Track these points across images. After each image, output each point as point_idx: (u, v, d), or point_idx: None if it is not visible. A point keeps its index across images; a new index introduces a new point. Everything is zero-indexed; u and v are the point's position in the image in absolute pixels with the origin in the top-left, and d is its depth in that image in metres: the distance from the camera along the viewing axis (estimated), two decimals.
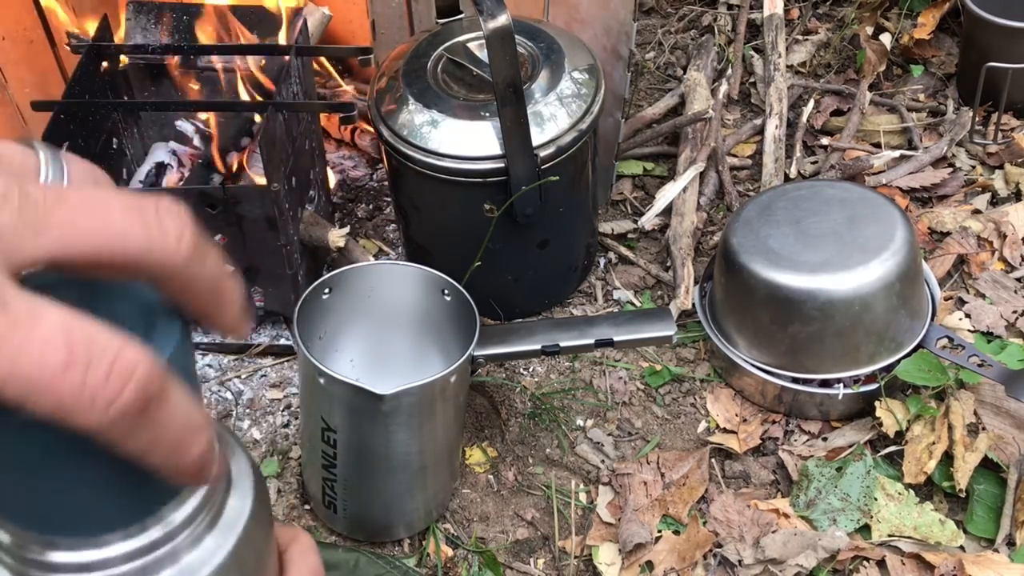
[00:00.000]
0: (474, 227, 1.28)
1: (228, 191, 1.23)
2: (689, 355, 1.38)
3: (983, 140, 1.64)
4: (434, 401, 1.04)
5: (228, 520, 0.34)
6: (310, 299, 1.08)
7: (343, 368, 1.17)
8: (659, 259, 1.51)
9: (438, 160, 1.23)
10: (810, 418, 1.29)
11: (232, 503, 0.34)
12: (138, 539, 0.31)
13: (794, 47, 1.86)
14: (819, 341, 1.23)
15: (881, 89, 1.78)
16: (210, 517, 0.33)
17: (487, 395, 1.32)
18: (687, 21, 1.95)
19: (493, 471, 1.26)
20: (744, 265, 1.25)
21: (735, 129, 1.72)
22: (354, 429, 1.05)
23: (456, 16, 1.35)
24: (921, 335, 1.26)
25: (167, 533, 0.32)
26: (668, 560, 1.15)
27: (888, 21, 1.89)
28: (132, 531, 0.31)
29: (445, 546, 1.18)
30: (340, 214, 1.57)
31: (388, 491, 1.12)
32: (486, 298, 1.31)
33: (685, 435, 1.29)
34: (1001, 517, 1.15)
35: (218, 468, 0.32)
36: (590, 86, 1.28)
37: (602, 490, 1.23)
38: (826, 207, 1.28)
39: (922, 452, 1.18)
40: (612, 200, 1.60)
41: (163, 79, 1.46)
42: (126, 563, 0.31)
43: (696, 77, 1.72)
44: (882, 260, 1.21)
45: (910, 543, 1.14)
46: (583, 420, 1.31)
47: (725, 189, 1.57)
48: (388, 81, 1.30)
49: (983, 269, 1.44)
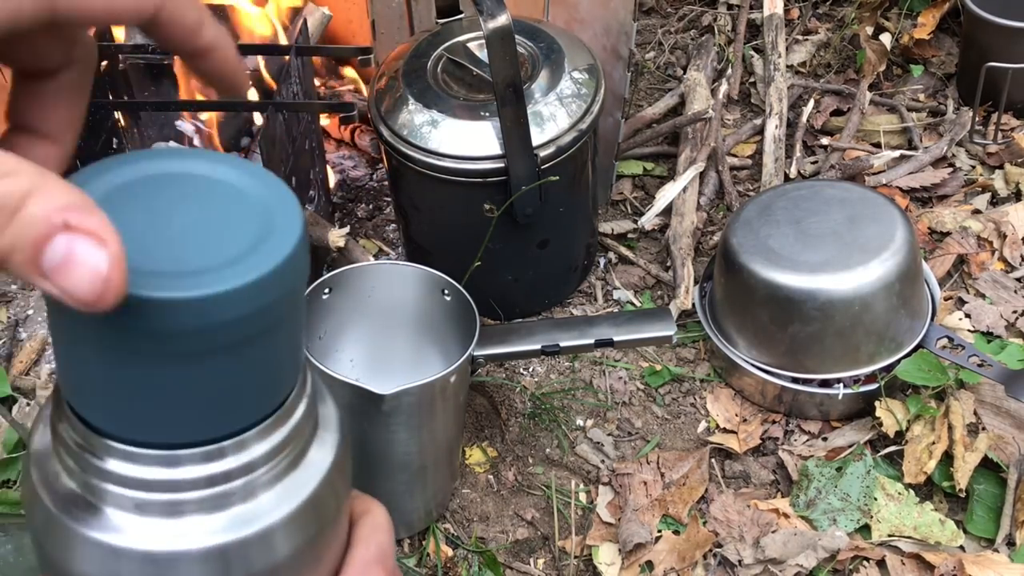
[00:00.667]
0: (474, 227, 1.28)
1: None
2: (689, 355, 1.38)
3: (983, 140, 1.64)
4: (434, 401, 1.04)
5: (309, 467, 0.33)
6: (310, 299, 1.08)
7: (343, 368, 1.17)
8: (659, 259, 1.51)
9: (438, 160, 1.23)
10: (810, 418, 1.29)
11: (314, 452, 0.33)
12: (216, 464, 0.31)
13: (794, 47, 1.86)
14: (819, 341, 1.23)
15: (881, 89, 1.78)
16: (290, 459, 0.32)
17: (487, 395, 1.32)
18: (687, 21, 1.95)
19: (493, 471, 1.26)
20: (744, 265, 1.25)
21: (735, 129, 1.72)
22: (354, 429, 1.05)
23: (456, 16, 1.35)
24: (921, 335, 1.26)
25: (245, 464, 0.31)
26: (668, 560, 1.15)
27: (888, 21, 1.89)
28: (211, 454, 0.30)
29: (445, 546, 1.18)
30: (340, 214, 1.57)
31: (388, 491, 1.12)
32: (486, 298, 1.31)
33: (685, 435, 1.29)
34: (1001, 517, 1.15)
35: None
36: (590, 86, 1.28)
37: (602, 490, 1.23)
38: (826, 207, 1.28)
39: (922, 452, 1.18)
40: (612, 200, 1.60)
41: (163, 79, 1.46)
42: (203, 488, 0.31)
43: (696, 77, 1.72)
44: (882, 260, 1.21)
45: (910, 543, 1.14)
46: (583, 420, 1.31)
47: (725, 189, 1.57)
48: (388, 81, 1.30)
49: (983, 269, 1.44)
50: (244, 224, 0.29)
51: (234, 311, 0.28)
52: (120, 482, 0.30)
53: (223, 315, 0.28)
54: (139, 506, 0.31)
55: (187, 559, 0.31)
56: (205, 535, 0.31)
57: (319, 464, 0.33)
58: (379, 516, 0.37)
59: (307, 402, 0.33)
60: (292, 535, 0.32)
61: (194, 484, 0.31)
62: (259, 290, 0.28)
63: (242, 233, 0.29)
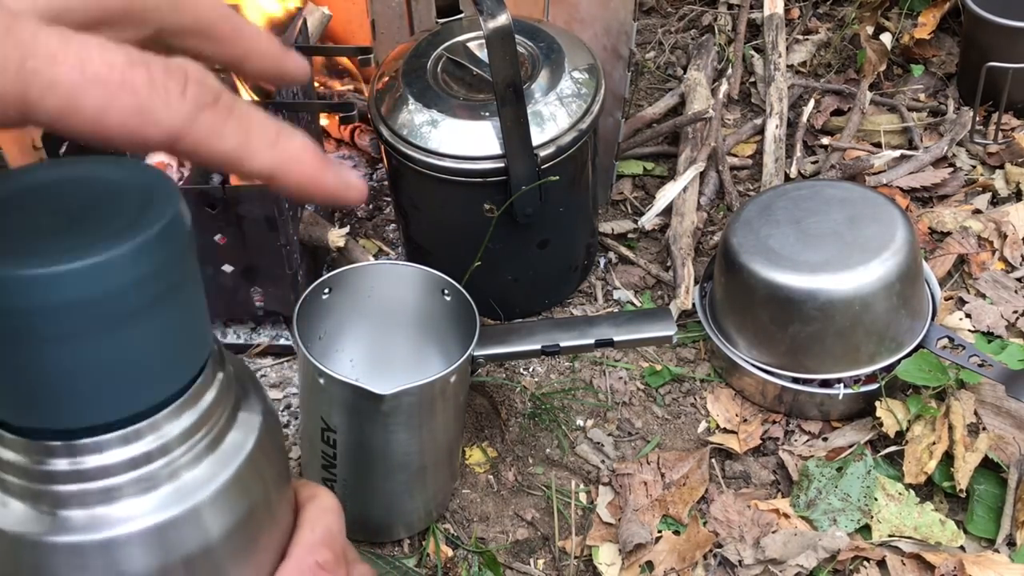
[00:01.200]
0: (474, 227, 1.28)
1: (228, 191, 1.23)
2: (689, 355, 1.38)
3: (983, 140, 1.64)
4: (434, 401, 1.04)
5: (230, 447, 0.34)
6: (310, 299, 1.08)
7: (343, 368, 1.17)
8: (659, 259, 1.51)
9: (438, 160, 1.23)
10: (810, 418, 1.29)
11: (236, 433, 0.35)
12: (135, 446, 0.31)
13: (794, 47, 1.86)
14: (819, 341, 1.23)
15: (881, 89, 1.78)
16: (210, 440, 0.33)
17: (487, 395, 1.32)
18: (687, 21, 1.95)
19: (493, 471, 1.26)
20: (744, 265, 1.24)
21: (735, 129, 1.72)
22: (354, 429, 1.05)
23: (456, 16, 1.35)
24: (921, 335, 1.26)
25: (163, 444, 0.32)
26: (668, 560, 1.15)
27: (888, 21, 1.89)
28: (128, 436, 0.31)
29: (445, 546, 1.18)
30: (340, 214, 1.57)
31: (388, 491, 1.12)
32: (486, 298, 1.31)
33: (685, 435, 1.29)
34: (1001, 517, 1.15)
35: (359, 190, 0.30)
36: (590, 86, 1.28)
37: (602, 490, 1.23)
38: (826, 207, 1.28)
39: (922, 452, 1.18)
40: (612, 200, 1.60)
41: None
42: (126, 471, 0.32)
43: (696, 77, 1.72)
44: (882, 260, 1.21)
45: (910, 543, 1.14)
46: (583, 420, 1.31)
47: (725, 189, 1.57)
48: (388, 81, 1.30)
49: (983, 269, 1.44)
50: (123, 209, 0.30)
51: (109, 282, 0.29)
52: (59, 479, 0.31)
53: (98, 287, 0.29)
54: (76, 496, 0.31)
55: (124, 542, 0.32)
56: (139, 518, 0.32)
57: (242, 444, 0.34)
58: (326, 500, 0.38)
59: (220, 384, 0.34)
60: (221, 514, 0.33)
61: (119, 468, 0.31)
62: (129, 261, 0.29)
63: (121, 215, 0.30)
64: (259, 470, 0.35)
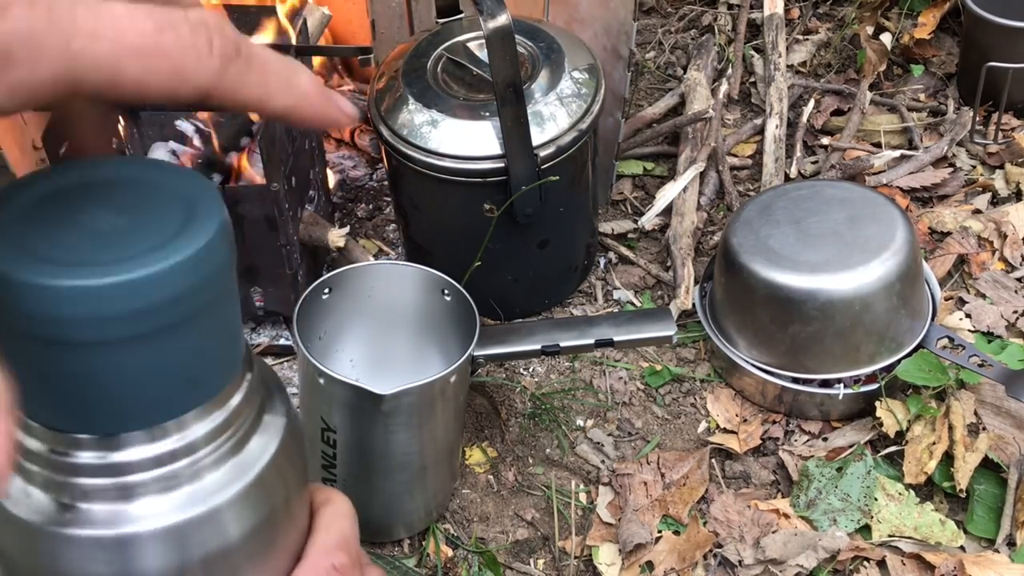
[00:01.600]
0: (474, 227, 1.28)
1: (228, 191, 1.23)
2: (689, 355, 1.38)
3: (983, 140, 1.64)
4: (434, 401, 1.04)
5: (254, 450, 0.34)
6: (310, 299, 1.08)
7: (343, 368, 1.17)
8: (659, 259, 1.51)
9: (438, 160, 1.23)
10: (810, 418, 1.29)
11: (260, 437, 0.35)
12: (161, 443, 0.32)
13: (794, 47, 1.86)
14: (819, 341, 1.23)
15: (881, 89, 1.78)
16: (234, 442, 0.33)
17: (487, 395, 1.32)
18: (687, 21, 1.95)
19: (493, 471, 1.26)
20: (744, 265, 1.24)
21: (735, 129, 1.72)
22: (354, 429, 1.05)
23: (456, 16, 1.35)
24: (921, 335, 1.26)
25: (188, 444, 0.32)
26: (668, 560, 1.15)
27: (888, 21, 1.89)
28: (155, 434, 0.31)
29: (445, 546, 1.18)
30: (340, 214, 1.57)
31: (388, 491, 1.12)
32: (486, 298, 1.31)
33: (685, 435, 1.29)
34: (1001, 517, 1.15)
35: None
36: (590, 86, 1.28)
37: (602, 490, 1.23)
38: (826, 207, 1.28)
39: (922, 452, 1.18)
40: (612, 200, 1.60)
41: None
42: (151, 469, 0.32)
43: (696, 77, 1.72)
44: (882, 260, 1.21)
45: (910, 543, 1.14)
46: (583, 420, 1.31)
47: (725, 189, 1.57)
48: (388, 81, 1.30)
49: (983, 269, 1.44)
50: (168, 217, 0.30)
51: (157, 295, 0.29)
52: (84, 472, 0.31)
53: (147, 299, 0.29)
54: (98, 490, 0.31)
55: (142, 539, 0.32)
56: (159, 516, 0.32)
57: (265, 448, 0.34)
58: (341, 505, 0.39)
59: (248, 385, 0.34)
60: (241, 516, 0.33)
61: (144, 465, 0.32)
62: (177, 275, 0.29)
63: (167, 225, 0.30)
64: (281, 474, 0.35)
